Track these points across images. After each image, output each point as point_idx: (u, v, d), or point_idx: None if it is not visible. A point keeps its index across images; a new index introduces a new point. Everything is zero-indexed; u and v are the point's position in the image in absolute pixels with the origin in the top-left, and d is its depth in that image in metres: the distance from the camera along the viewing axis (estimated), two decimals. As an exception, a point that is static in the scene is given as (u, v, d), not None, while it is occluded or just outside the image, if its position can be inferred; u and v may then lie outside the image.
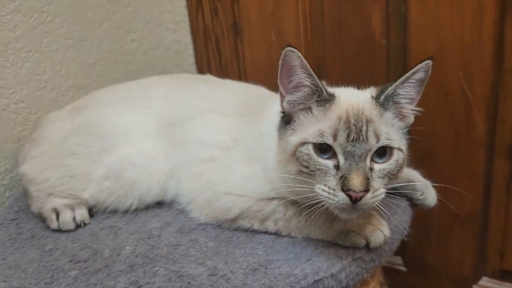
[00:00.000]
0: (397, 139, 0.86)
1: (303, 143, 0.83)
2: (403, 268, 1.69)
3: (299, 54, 0.81)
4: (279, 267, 0.81)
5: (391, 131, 0.86)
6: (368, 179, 0.80)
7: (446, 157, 1.46)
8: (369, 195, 0.79)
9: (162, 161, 1.07)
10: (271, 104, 1.01)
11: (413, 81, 0.86)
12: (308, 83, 0.84)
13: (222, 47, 1.80)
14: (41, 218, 1.07)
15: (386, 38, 1.47)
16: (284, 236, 0.91)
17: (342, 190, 0.79)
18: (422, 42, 1.39)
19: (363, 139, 0.82)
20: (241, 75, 1.77)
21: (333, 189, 0.80)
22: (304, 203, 0.86)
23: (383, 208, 0.83)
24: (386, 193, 0.85)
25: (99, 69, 1.52)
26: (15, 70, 1.30)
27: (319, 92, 0.85)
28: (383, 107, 0.87)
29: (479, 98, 1.36)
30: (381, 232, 0.83)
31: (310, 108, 0.86)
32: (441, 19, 1.36)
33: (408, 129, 0.91)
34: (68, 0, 1.40)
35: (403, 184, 0.97)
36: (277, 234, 0.93)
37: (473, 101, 1.37)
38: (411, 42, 1.41)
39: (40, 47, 1.36)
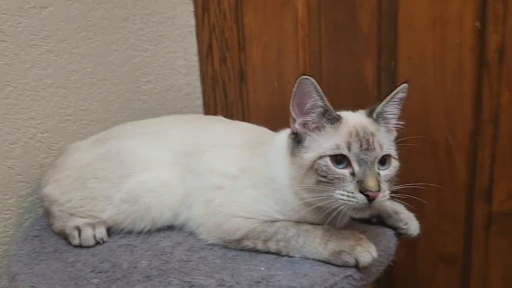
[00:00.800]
0: (391, 147, 1.03)
1: (321, 157, 0.97)
2: (390, 308, 1.77)
3: (314, 80, 0.97)
4: (279, 280, 0.92)
5: (388, 142, 1.03)
6: (379, 181, 0.95)
7: (430, 200, 1.58)
8: (381, 194, 0.94)
9: (175, 189, 1.18)
10: (274, 138, 1.17)
11: (396, 100, 1.06)
12: (321, 104, 0.99)
13: (228, 90, 1.96)
14: (63, 235, 1.17)
15: (377, 89, 1.63)
16: (284, 256, 1.03)
17: (360, 192, 0.93)
18: (409, 95, 1.52)
19: (372, 148, 0.98)
20: (244, 116, 1.93)
21: (352, 192, 0.94)
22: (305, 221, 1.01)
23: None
24: (374, 222, 1.00)
25: (117, 106, 1.67)
26: (44, 103, 1.44)
27: (329, 112, 1.00)
28: (377, 123, 1.04)
29: (460, 145, 1.50)
30: (369, 253, 0.95)
31: (323, 127, 1.01)
32: (426, 75, 1.52)
33: (395, 141, 1.09)
34: (95, 44, 1.57)
35: (389, 213, 1.11)
36: (277, 253, 1.04)
37: (455, 148, 1.51)
38: (400, 94, 1.57)
39: (67, 84, 1.50)
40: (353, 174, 0.96)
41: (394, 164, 1.02)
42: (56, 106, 1.48)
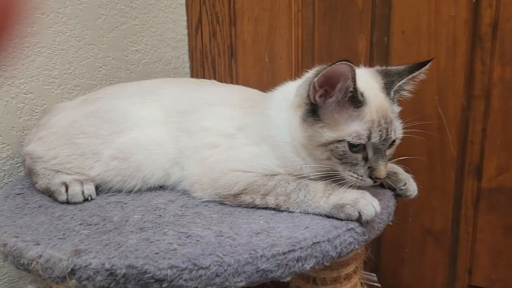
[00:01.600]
0: (400, 129, 1.05)
1: (340, 141, 0.97)
2: (378, 285, 1.76)
3: (354, 68, 0.94)
4: (280, 232, 0.88)
5: (398, 122, 1.04)
6: (386, 166, 0.99)
7: (420, 174, 1.58)
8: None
9: (168, 147, 1.14)
10: (272, 94, 1.15)
11: (417, 80, 1.07)
12: (352, 89, 0.96)
13: (218, 66, 1.93)
14: (48, 192, 1.11)
15: (370, 64, 1.62)
16: (283, 211, 1.00)
17: (370, 177, 0.98)
18: None
19: (389, 138, 1.00)
20: (235, 92, 1.89)
21: (361, 176, 0.99)
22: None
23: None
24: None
25: (103, 73, 1.61)
26: (27, 62, 1.37)
27: (356, 96, 0.98)
28: (392, 101, 1.04)
29: (451, 120, 1.51)
30: (373, 207, 0.93)
31: (346, 108, 0.98)
32: (419, 50, 1.53)
33: None
34: (83, 6, 1.51)
35: (388, 174, 1.09)
36: (276, 209, 1.00)
37: (447, 123, 1.52)
38: (392, 68, 1.57)
39: (52, 44, 1.44)
40: (365, 159, 0.99)
41: (397, 141, 1.05)
42: (40, 66, 1.41)
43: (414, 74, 1.06)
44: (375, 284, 1.77)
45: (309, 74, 1.08)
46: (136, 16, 1.71)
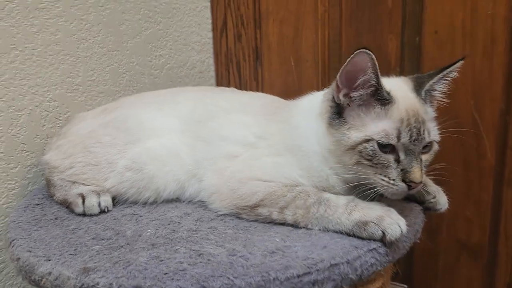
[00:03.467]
0: (436, 132, 0.98)
1: (367, 140, 0.92)
2: (409, 297, 1.68)
3: (374, 56, 0.89)
4: (296, 252, 0.83)
5: (433, 124, 0.98)
6: (422, 170, 0.92)
7: (454, 184, 1.49)
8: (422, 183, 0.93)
9: (183, 158, 1.11)
10: (297, 103, 1.10)
11: (448, 78, 1.01)
12: (375, 83, 0.92)
13: (243, 70, 1.89)
14: (65, 204, 1.10)
15: (400, 66, 1.54)
16: (301, 228, 0.94)
17: (403, 181, 0.91)
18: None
19: (421, 139, 0.93)
20: (260, 96, 1.85)
21: (394, 180, 0.92)
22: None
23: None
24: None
25: (127, 79, 1.60)
26: (51, 70, 1.38)
27: (381, 93, 0.93)
28: (425, 102, 0.99)
29: (489, 126, 1.41)
30: (398, 226, 0.86)
31: (372, 106, 0.94)
32: (453, 51, 1.43)
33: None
34: (106, 12, 1.50)
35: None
36: (294, 225, 0.95)
37: (483, 129, 1.42)
38: (424, 71, 1.48)
39: (76, 52, 1.44)
40: (398, 161, 0.93)
41: (435, 147, 0.99)
42: (64, 74, 1.41)
43: (445, 72, 1.00)
44: (407, 296, 1.69)
45: (335, 80, 1.03)
46: (160, 20, 1.69)
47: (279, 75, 1.81)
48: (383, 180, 0.92)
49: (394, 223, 0.86)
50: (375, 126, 0.93)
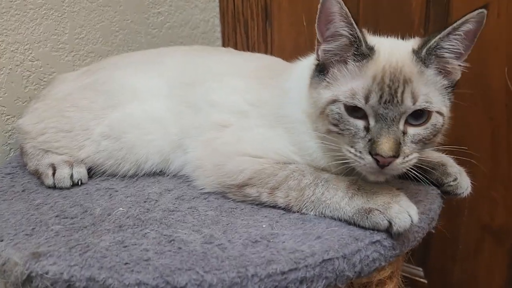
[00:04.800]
0: (438, 101, 0.78)
1: (334, 101, 0.78)
2: (424, 281, 1.56)
3: (341, 0, 0.74)
4: (284, 241, 0.70)
5: (432, 91, 0.78)
6: (400, 144, 0.74)
7: (480, 161, 1.33)
8: (398, 160, 0.74)
9: (168, 126, 0.98)
10: (294, 65, 0.95)
11: (461, 33, 0.77)
12: (346, 33, 0.77)
13: (251, 30, 1.73)
14: (37, 175, 1.00)
15: (424, 28, 1.36)
16: (294, 212, 0.81)
17: (370, 153, 0.74)
18: None
19: (397, 102, 0.75)
20: (269, 57, 1.70)
21: (359, 152, 0.76)
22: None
23: (416, 172, 0.79)
24: (415, 175, 0.78)
25: (120, 38, 1.47)
26: (33, 26, 1.26)
27: (357, 45, 0.78)
28: (424, 64, 0.79)
29: (524, 97, 1.24)
30: (408, 215, 0.72)
31: (346, 62, 0.79)
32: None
33: (453, 87, 0.82)
34: (95, -38, 1.36)
35: (434, 166, 0.87)
36: (286, 209, 0.82)
37: (517, 100, 1.25)
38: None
39: (61, 6, 1.31)
40: (367, 129, 0.76)
41: (434, 120, 0.78)
42: (47, 31, 1.29)
43: (454, 25, 0.77)
44: (421, 279, 1.57)
45: None
46: (158, -27, 1.53)
47: (290, 36, 1.65)
48: (350, 152, 0.77)
49: (403, 212, 0.72)
50: (345, 86, 0.78)
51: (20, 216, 0.82)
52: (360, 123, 0.77)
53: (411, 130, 0.77)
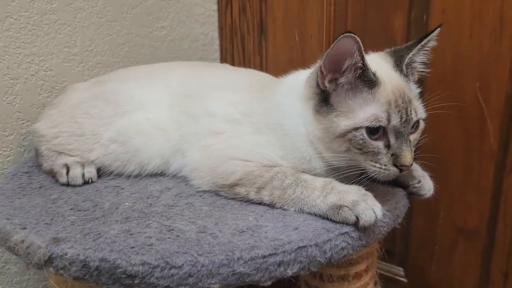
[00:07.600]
0: (422, 109, 0.96)
1: (357, 128, 0.90)
2: (404, 280, 1.66)
3: (359, 39, 0.86)
4: (266, 232, 0.83)
5: (418, 101, 0.96)
6: (412, 152, 0.91)
7: (455, 169, 1.45)
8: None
9: (169, 133, 1.10)
10: (282, 81, 1.08)
11: (428, 48, 0.97)
12: (361, 65, 0.89)
13: (247, 43, 1.85)
14: (52, 173, 1.12)
15: (406, 45, 1.48)
16: (277, 208, 0.94)
17: (395, 165, 0.91)
18: (441, 51, 1.40)
19: (410, 119, 0.92)
20: (262, 71, 1.82)
21: (385, 165, 0.91)
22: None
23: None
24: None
25: (126, 50, 1.59)
26: (47, 40, 1.38)
27: (368, 75, 0.90)
28: (407, 78, 0.96)
29: (493, 110, 1.35)
30: (373, 212, 0.84)
31: (359, 90, 0.91)
32: (461, 30, 1.37)
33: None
34: (104, -19, 1.49)
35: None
36: (271, 205, 0.95)
37: (488, 113, 1.37)
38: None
39: (73, 21, 1.43)
40: (388, 146, 0.91)
41: (422, 125, 0.97)
42: (60, 44, 1.41)
43: (423, 42, 0.97)
44: (402, 279, 1.67)
45: (318, 64, 0.99)
46: (161, -9, 1.66)
47: (283, 50, 1.77)
48: (375, 166, 0.92)
49: (369, 209, 0.84)
50: (363, 112, 0.90)
51: (39, 209, 0.94)
52: (381, 144, 0.91)
53: (411, 137, 0.94)
